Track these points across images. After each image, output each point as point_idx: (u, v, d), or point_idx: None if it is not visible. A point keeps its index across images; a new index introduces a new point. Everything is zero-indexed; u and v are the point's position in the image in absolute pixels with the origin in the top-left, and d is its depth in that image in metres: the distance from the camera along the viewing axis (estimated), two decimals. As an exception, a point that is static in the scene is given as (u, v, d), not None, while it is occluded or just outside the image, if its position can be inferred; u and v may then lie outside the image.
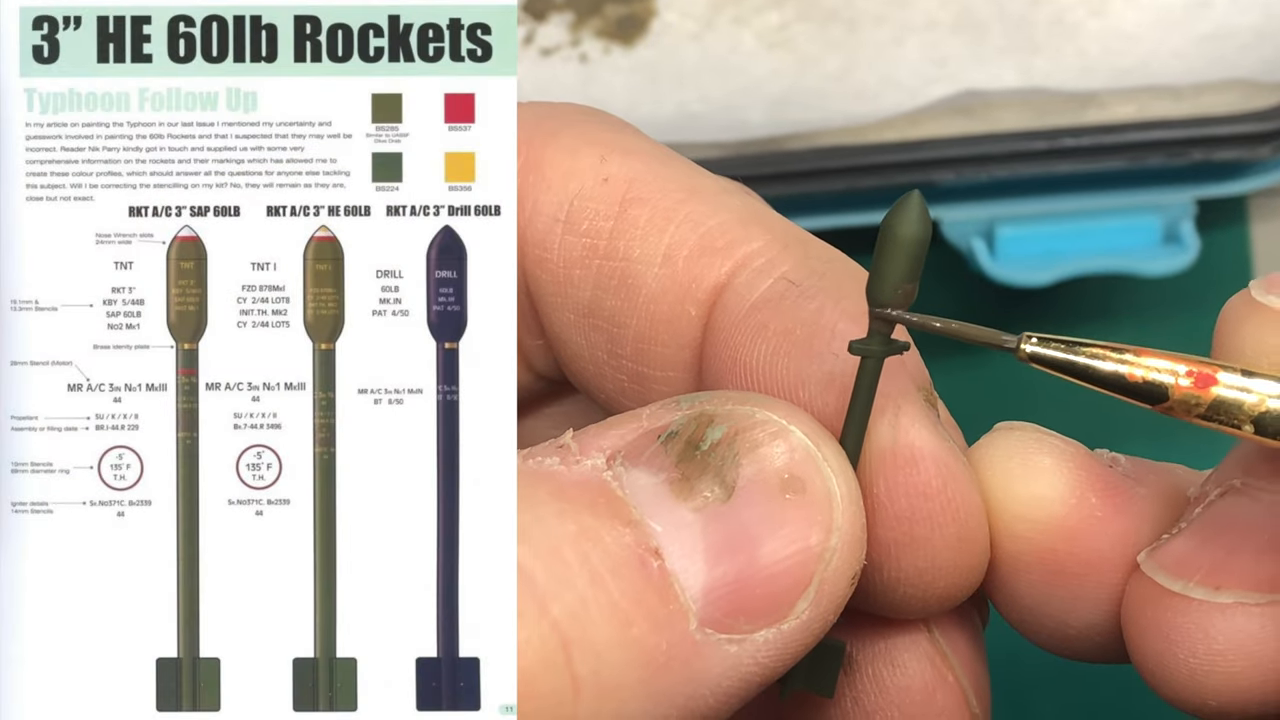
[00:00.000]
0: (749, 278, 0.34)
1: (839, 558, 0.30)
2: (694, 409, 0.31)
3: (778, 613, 0.30)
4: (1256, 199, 0.69)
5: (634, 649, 0.29)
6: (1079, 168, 0.63)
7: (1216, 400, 0.29)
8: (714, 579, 0.30)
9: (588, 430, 0.31)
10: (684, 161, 0.37)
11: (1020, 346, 0.30)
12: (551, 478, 0.30)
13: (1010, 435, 0.33)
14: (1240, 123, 0.64)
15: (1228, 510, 0.32)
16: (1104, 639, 0.33)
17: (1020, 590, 0.33)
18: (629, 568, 0.29)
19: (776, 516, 0.30)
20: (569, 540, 0.29)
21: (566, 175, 0.36)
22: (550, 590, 0.29)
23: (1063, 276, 0.63)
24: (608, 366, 0.36)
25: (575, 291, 0.36)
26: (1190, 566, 0.31)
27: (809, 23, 0.68)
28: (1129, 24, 0.68)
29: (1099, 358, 0.30)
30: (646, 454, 0.31)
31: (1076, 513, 0.32)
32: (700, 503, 0.30)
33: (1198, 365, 0.29)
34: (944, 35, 0.68)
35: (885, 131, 0.66)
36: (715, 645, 0.30)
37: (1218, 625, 0.31)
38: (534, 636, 0.28)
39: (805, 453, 0.31)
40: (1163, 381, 0.29)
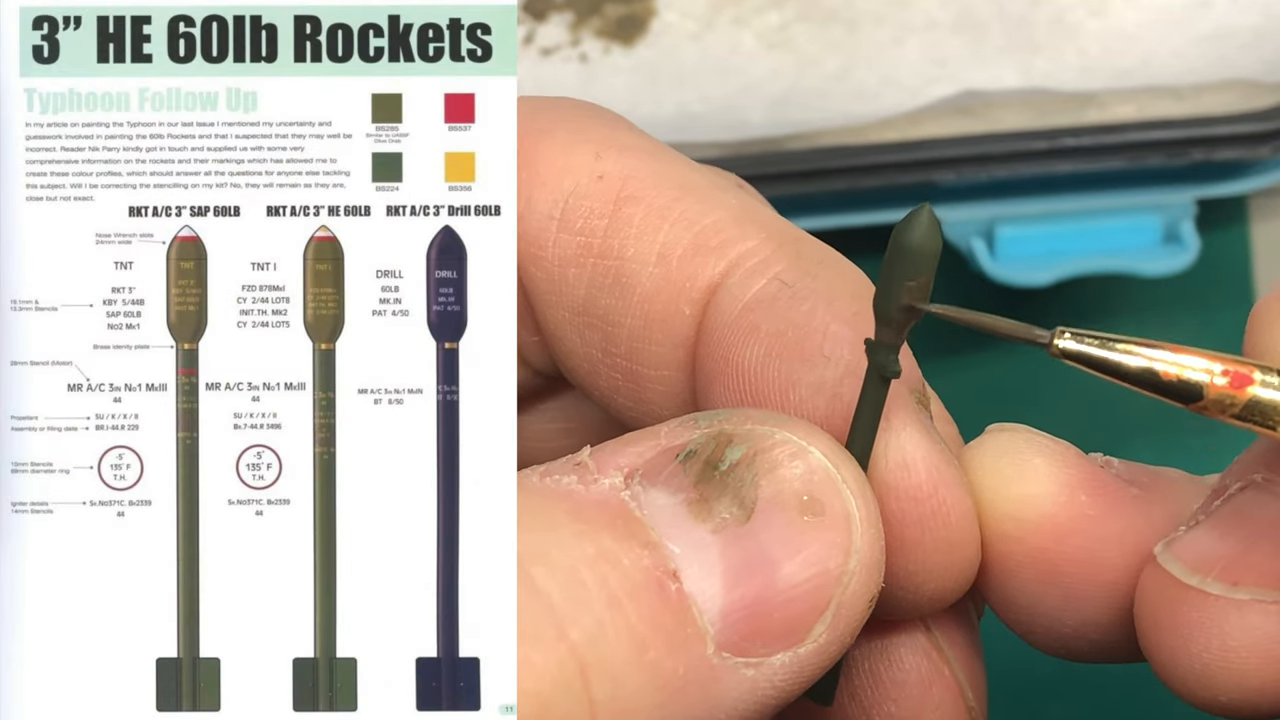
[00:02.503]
0: (742, 278, 0.34)
1: (857, 580, 0.30)
2: (713, 428, 0.31)
3: (795, 636, 0.30)
4: (1256, 199, 0.69)
5: (650, 673, 0.29)
6: (1079, 168, 0.63)
7: (1252, 400, 0.29)
8: (732, 602, 0.30)
9: (605, 447, 0.31)
10: (679, 157, 0.37)
11: (1053, 342, 0.29)
12: (569, 497, 0.30)
13: (1001, 436, 0.33)
14: (1240, 123, 0.64)
15: (1248, 505, 0.31)
16: (1099, 638, 0.33)
17: (1013, 590, 0.33)
18: (647, 591, 0.29)
19: (795, 539, 0.30)
20: (587, 562, 0.29)
21: (561, 172, 0.36)
22: (568, 614, 0.29)
23: (1063, 276, 0.63)
24: (602, 365, 0.36)
25: (570, 289, 0.36)
26: (1208, 560, 0.31)
27: (809, 23, 0.68)
28: (1129, 24, 0.68)
29: (1133, 354, 0.29)
30: (664, 473, 0.31)
31: (1067, 512, 0.32)
32: (718, 524, 0.30)
33: (1234, 364, 0.29)
34: (944, 35, 0.68)
35: (885, 131, 0.66)
36: (732, 669, 0.30)
37: (1233, 622, 0.30)
38: (551, 661, 0.28)
39: (824, 474, 0.30)
40: (1198, 380, 0.29)
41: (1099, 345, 0.29)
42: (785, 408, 0.33)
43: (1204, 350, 0.29)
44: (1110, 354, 0.29)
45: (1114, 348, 0.29)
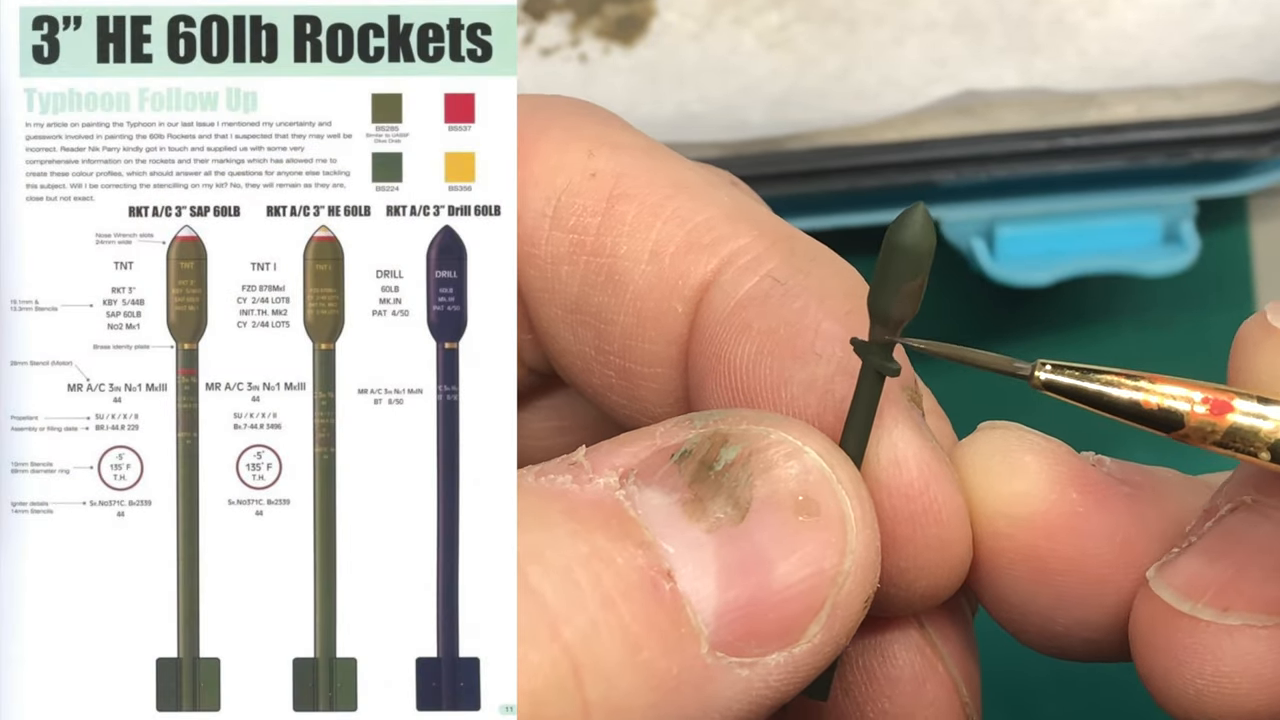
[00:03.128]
0: (734, 275, 0.34)
1: (852, 581, 0.30)
2: (708, 428, 0.31)
3: (789, 636, 0.30)
4: (1256, 199, 0.69)
5: (644, 673, 0.29)
6: (1079, 168, 0.63)
7: (1233, 427, 0.29)
8: (726, 602, 0.30)
9: (600, 447, 0.31)
10: (672, 155, 0.37)
11: (1034, 374, 0.30)
12: (563, 496, 0.30)
13: (993, 434, 0.33)
14: (1240, 123, 0.64)
15: (1238, 527, 0.31)
16: (1092, 636, 0.33)
17: (1005, 588, 0.33)
18: (641, 590, 0.29)
19: (790, 539, 0.30)
20: (581, 562, 0.29)
21: (554, 170, 0.36)
22: (562, 613, 0.29)
23: (1063, 276, 0.63)
24: (595, 362, 0.36)
25: (563, 287, 0.36)
26: (1199, 586, 0.31)
27: (809, 23, 0.68)
28: (1129, 24, 0.68)
29: (1114, 385, 0.30)
30: (659, 473, 0.31)
31: (1057, 509, 0.32)
32: (713, 524, 0.30)
33: (1213, 392, 0.29)
34: (944, 35, 0.68)
35: (885, 131, 0.66)
36: (726, 669, 0.30)
37: (1225, 647, 0.31)
38: (545, 660, 0.28)
39: (820, 474, 0.30)
40: (1178, 409, 0.29)
41: (1079, 377, 0.30)
42: (777, 405, 0.33)
43: (1184, 379, 0.30)
44: (1090, 385, 0.30)
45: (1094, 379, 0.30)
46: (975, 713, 0.35)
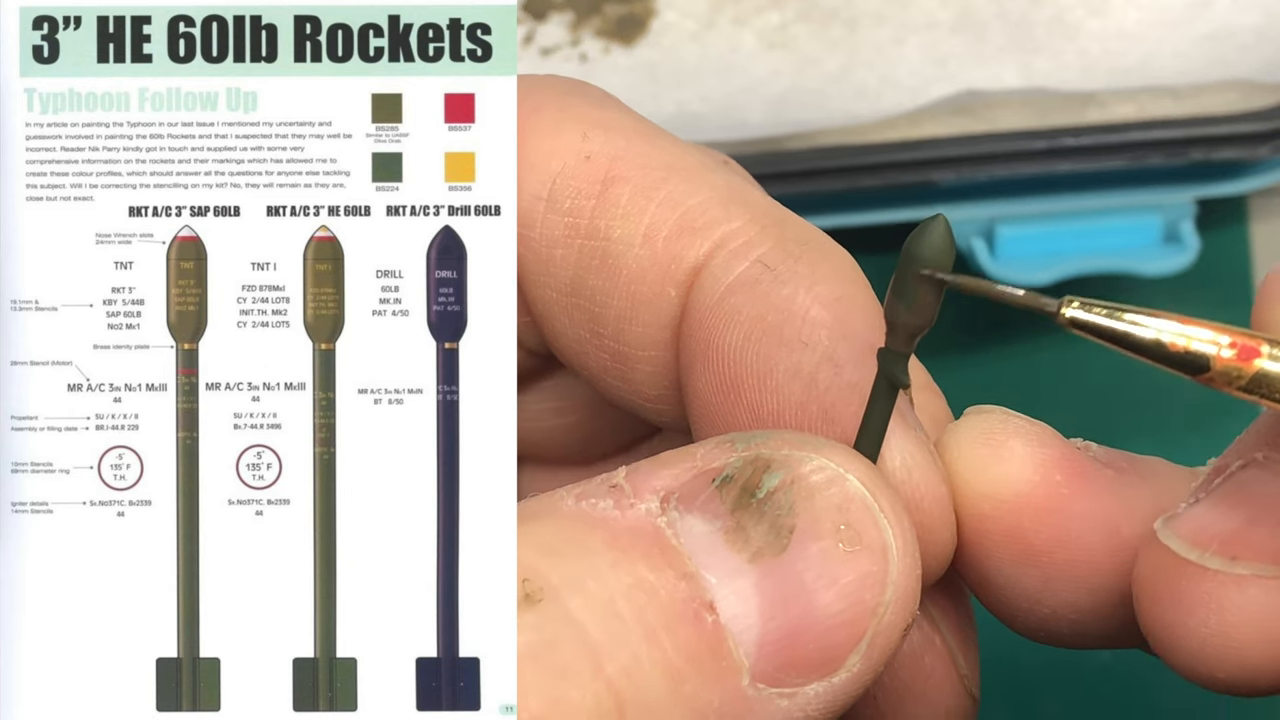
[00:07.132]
0: (725, 260, 0.35)
1: (893, 611, 0.30)
2: (749, 451, 0.31)
3: (829, 666, 0.30)
4: (1256, 199, 0.69)
5: (687, 706, 0.29)
6: (1079, 168, 0.63)
7: (1260, 373, 0.29)
8: (768, 633, 0.29)
9: (640, 468, 0.31)
10: (667, 137, 0.37)
11: (1061, 311, 0.29)
12: (604, 524, 0.30)
13: (979, 418, 0.33)
14: (1240, 123, 0.64)
15: (1248, 482, 0.31)
16: (1079, 619, 0.33)
17: (991, 571, 0.33)
18: (683, 622, 0.29)
19: (832, 569, 0.30)
20: (623, 594, 0.29)
21: (548, 153, 0.36)
22: (605, 648, 0.28)
23: (1063, 276, 0.63)
24: (590, 345, 0.37)
25: (558, 270, 0.36)
26: (1207, 536, 0.31)
27: (809, 23, 0.68)
28: (1129, 24, 0.68)
29: (1140, 325, 0.29)
30: (701, 499, 0.30)
31: (1041, 491, 0.32)
32: (755, 553, 0.30)
33: (1242, 337, 0.29)
34: (944, 35, 0.68)
35: (885, 131, 0.66)
36: (766, 700, 0.29)
37: (1232, 597, 0.30)
38: (588, 696, 0.28)
39: (862, 503, 0.30)
40: (1205, 352, 0.29)
41: (1107, 315, 0.29)
42: (762, 392, 0.33)
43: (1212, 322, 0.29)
44: (1118, 324, 0.29)
45: (1122, 318, 0.29)
46: (974, 684, 0.35)
